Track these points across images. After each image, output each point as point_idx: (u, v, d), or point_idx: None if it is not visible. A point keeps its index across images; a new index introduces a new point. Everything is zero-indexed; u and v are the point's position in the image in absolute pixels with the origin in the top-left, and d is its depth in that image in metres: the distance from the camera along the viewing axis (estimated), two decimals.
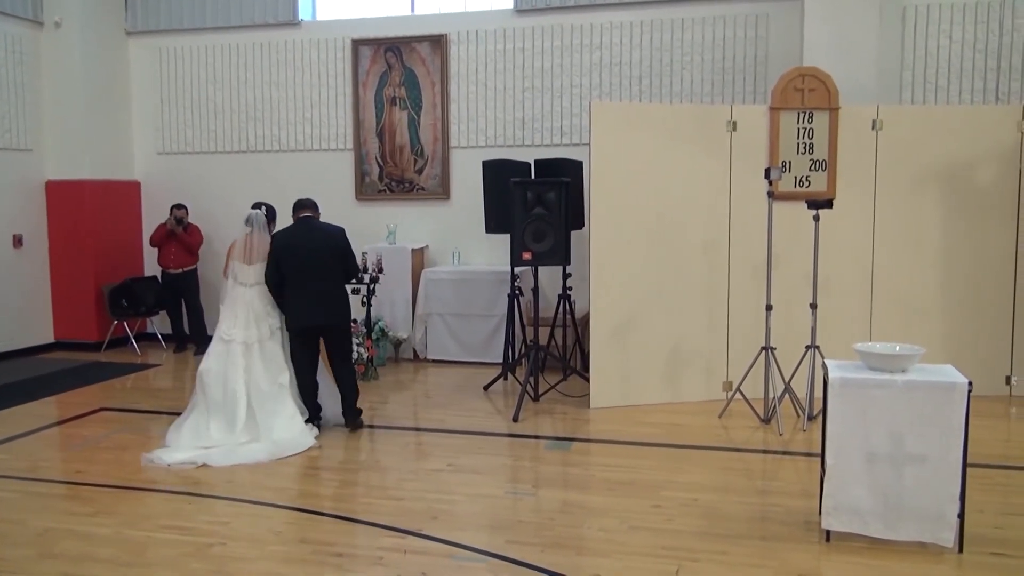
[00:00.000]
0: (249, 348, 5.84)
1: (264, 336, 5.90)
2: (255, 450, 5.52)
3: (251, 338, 5.85)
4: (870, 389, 3.89)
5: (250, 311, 5.92)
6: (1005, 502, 4.59)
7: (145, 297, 9.41)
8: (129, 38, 9.74)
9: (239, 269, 6.00)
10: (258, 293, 5.97)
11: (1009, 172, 6.67)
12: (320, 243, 5.96)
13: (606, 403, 6.60)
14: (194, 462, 5.37)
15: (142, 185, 9.86)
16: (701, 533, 4.18)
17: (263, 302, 5.97)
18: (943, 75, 7.73)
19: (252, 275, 5.97)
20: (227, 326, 5.89)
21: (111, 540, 4.17)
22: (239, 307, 5.92)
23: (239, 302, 5.94)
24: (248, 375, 5.79)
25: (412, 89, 8.98)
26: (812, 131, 6.69)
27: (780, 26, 8.02)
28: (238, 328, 5.86)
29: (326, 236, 6.02)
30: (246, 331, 5.86)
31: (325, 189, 9.20)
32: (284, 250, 5.89)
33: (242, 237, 6.06)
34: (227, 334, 5.86)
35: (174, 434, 5.70)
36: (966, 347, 6.62)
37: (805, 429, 5.99)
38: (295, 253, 5.88)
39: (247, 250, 5.99)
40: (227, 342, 5.84)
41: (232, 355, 5.80)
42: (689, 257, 6.69)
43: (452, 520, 4.41)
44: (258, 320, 5.91)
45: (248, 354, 5.83)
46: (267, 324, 5.94)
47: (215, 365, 5.81)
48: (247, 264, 5.98)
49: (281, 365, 5.91)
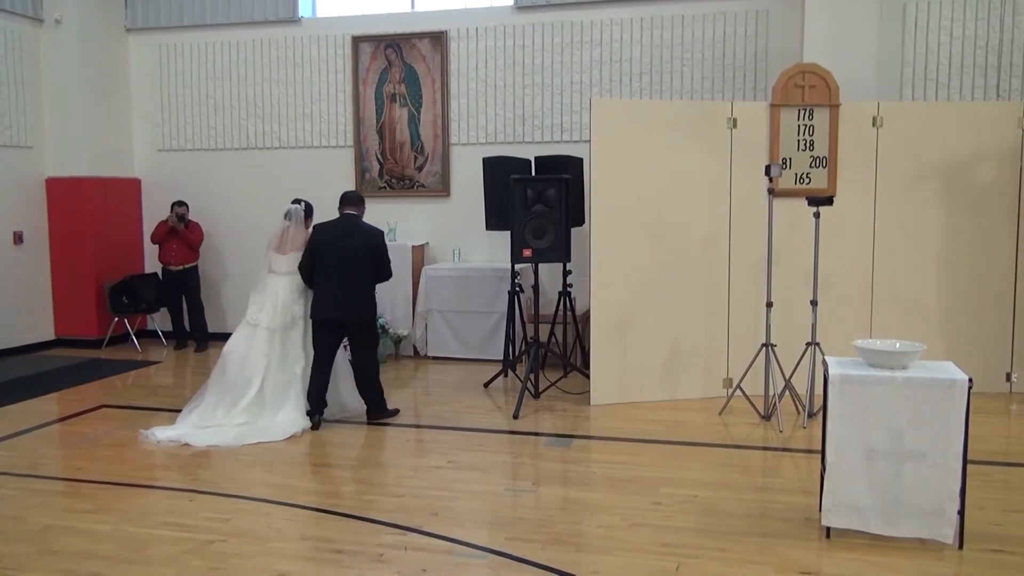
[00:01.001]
0: (272, 334, 6.07)
1: (287, 324, 6.12)
2: (240, 433, 5.76)
3: (275, 324, 6.08)
4: (870, 386, 3.89)
5: (277, 299, 6.14)
6: (1005, 499, 4.60)
7: (146, 294, 9.41)
8: (129, 35, 9.73)
9: (273, 258, 6.28)
10: (287, 282, 6.18)
11: (1009, 169, 6.67)
12: (357, 242, 6.12)
13: (606, 400, 6.60)
14: (178, 440, 5.68)
15: (142, 182, 9.85)
16: (701, 530, 4.18)
17: (290, 291, 6.18)
18: (943, 72, 7.72)
19: (284, 264, 6.22)
20: (254, 310, 6.14)
21: (111, 537, 4.18)
22: (267, 294, 6.17)
23: (268, 289, 6.19)
24: (268, 361, 6.04)
25: (412, 86, 8.97)
26: (812, 128, 6.68)
27: (780, 23, 8.01)
28: (264, 313, 6.10)
29: (365, 236, 6.18)
30: (271, 317, 6.09)
31: (325, 186, 9.18)
32: (322, 243, 6.09)
33: (279, 229, 6.34)
34: (253, 318, 6.11)
35: (185, 414, 6.00)
36: (966, 344, 6.61)
37: (805, 426, 5.99)
38: (332, 247, 6.05)
39: (282, 241, 6.28)
40: (253, 326, 6.09)
41: (256, 339, 6.05)
42: (689, 254, 6.69)
43: (452, 517, 4.41)
44: (283, 308, 6.13)
45: (271, 340, 6.07)
46: (291, 313, 6.15)
47: (240, 347, 6.07)
48: (280, 254, 6.25)
49: (299, 354, 6.13)
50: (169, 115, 9.71)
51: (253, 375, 6.00)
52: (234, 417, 5.90)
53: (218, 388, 6.04)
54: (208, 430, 5.81)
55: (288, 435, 5.81)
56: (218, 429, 5.81)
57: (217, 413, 5.94)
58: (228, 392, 5.99)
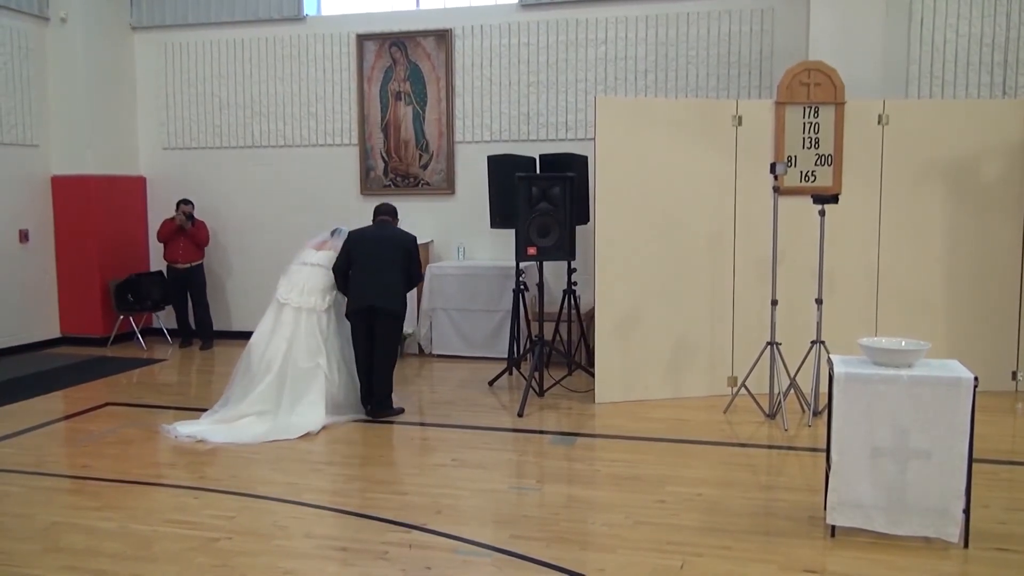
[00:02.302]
0: (299, 314, 6.17)
1: (317, 306, 6.22)
2: (257, 431, 5.80)
3: (304, 303, 6.20)
4: (875, 384, 3.88)
5: (307, 282, 6.28)
6: (1011, 497, 4.59)
7: (151, 292, 9.43)
8: (134, 33, 9.74)
9: (308, 252, 6.48)
10: (317, 271, 6.34)
11: (1015, 167, 6.64)
12: (390, 241, 6.34)
13: (611, 398, 6.60)
14: (194, 436, 5.75)
15: (147, 180, 9.87)
16: (705, 528, 4.18)
17: (321, 278, 6.32)
18: (949, 69, 7.69)
19: (316, 258, 6.43)
20: (284, 291, 6.28)
21: (117, 534, 4.19)
22: (296, 280, 6.32)
23: (296, 276, 6.34)
24: (289, 347, 6.11)
25: (417, 84, 8.97)
26: (818, 125, 6.67)
27: (786, 20, 7.99)
28: (294, 292, 6.23)
29: (397, 237, 6.41)
30: (301, 296, 6.22)
31: (330, 184, 9.24)
32: (356, 242, 6.31)
33: (322, 237, 6.61)
34: (283, 297, 6.25)
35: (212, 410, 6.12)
36: (972, 342, 6.59)
37: (810, 424, 5.98)
38: (365, 245, 6.28)
39: (321, 243, 6.54)
40: (281, 304, 6.23)
41: (282, 318, 6.18)
42: (694, 252, 6.68)
43: (457, 515, 4.42)
44: (313, 291, 6.26)
45: (296, 322, 6.16)
46: (321, 297, 6.26)
47: (263, 336, 6.21)
48: (316, 250, 6.48)
49: (320, 346, 6.17)
50: (174, 113, 9.73)
51: (273, 360, 6.09)
52: (252, 404, 6.00)
53: (243, 382, 6.14)
54: (228, 425, 5.89)
55: (303, 432, 5.83)
56: (236, 426, 5.88)
57: (238, 404, 6.04)
58: (249, 378, 6.12)
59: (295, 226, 9.29)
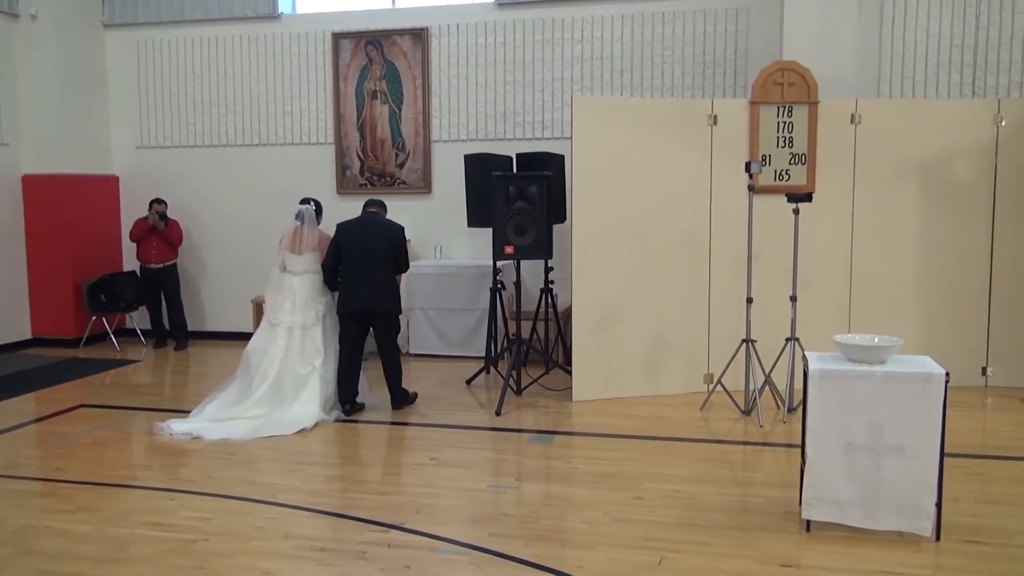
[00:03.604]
0: (292, 332, 6.24)
1: (309, 322, 6.28)
2: (252, 427, 5.85)
3: (296, 323, 6.25)
4: (849, 380, 3.93)
5: (296, 297, 6.30)
6: (981, 491, 4.66)
7: (124, 292, 9.33)
8: (106, 31, 9.64)
9: (288, 258, 6.39)
10: (305, 281, 6.34)
11: (985, 166, 6.74)
12: (380, 236, 6.34)
13: (588, 396, 6.63)
14: (190, 433, 5.79)
15: (120, 179, 9.77)
16: (683, 524, 4.21)
17: (310, 289, 6.34)
18: (920, 69, 7.79)
19: (300, 264, 6.36)
20: (273, 311, 6.32)
21: (92, 537, 4.15)
22: (286, 295, 6.32)
23: (286, 290, 6.33)
24: (285, 356, 6.19)
25: (393, 83, 8.95)
26: (792, 125, 6.73)
27: (760, 20, 8.06)
28: (284, 313, 6.27)
29: (387, 231, 6.39)
30: (291, 316, 6.26)
31: (305, 183, 9.18)
32: (347, 239, 6.29)
33: (291, 229, 6.45)
34: (274, 318, 6.29)
35: (201, 407, 6.16)
36: (943, 338, 6.69)
37: (785, 421, 6.04)
38: (357, 243, 6.27)
39: (297, 241, 6.39)
40: (274, 325, 6.27)
41: (275, 336, 6.24)
42: (671, 250, 6.72)
43: (435, 514, 4.42)
44: (304, 307, 6.29)
45: (290, 337, 6.23)
46: (313, 311, 6.31)
47: (259, 346, 6.26)
48: (296, 254, 6.38)
49: (319, 349, 6.26)
50: (148, 112, 9.64)
51: (268, 368, 6.17)
52: (248, 409, 6.05)
53: (239, 385, 6.23)
54: (222, 424, 5.92)
55: (298, 428, 5.90)
56: (231, 423, 5.92)
57: (233, 407, 6.09)
58: (246, 385, 6.19)
59: (270, 226, 9.22)
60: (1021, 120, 6.68)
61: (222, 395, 6.23)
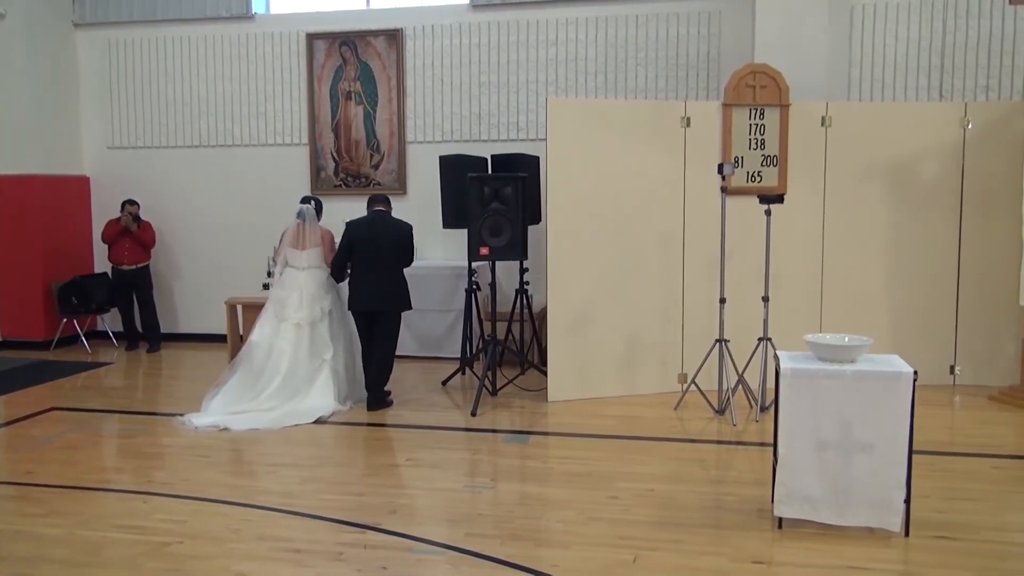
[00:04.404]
0: (300, 328, 6.40)
1: (316, 318, 6.46)
2: (275, 417, 6.07)
3: (303, 319, 6.41)
4: (821, 379, 3.99)
5: (303, 293, 6.47)
6: (948, 487, 4.74)
7: (95, 294, 9.23)
8: (77, 30, 9.54)
9: (291, 255, 6.57)
10: (310, 276, 6.53)
11: (952, 167, 6.86)
12: (391, 235, 6.53)
13: (563, 396, 6.66)
14: (217, 425, 5.96)
15: (91, 180, 9.67)
16: (657, 523, 4.25)
17: (316, 284, 6.53)
18: (889, 73, 7.91)
19: (304, 260, 6.55)
20: (279, 306, 6.46)
21: (64, 541, 4.11)
22: (292, 290, 6.48)
23: (292, 285, 6.50)
24: (295, 351, 6.36)
25: (368, 84, 8.94)
26: (764, 127, 6.81)
27: (732, 23, 8.14)
28: (290, 308, 6.42)
29: (396, 230, 6.58)
30: (298, 312, 6.42)
31: (280, 184, 9.15)
32: (359, 238, 6.46)
33: (293, 227, 6.63)
34: (281, 313, 6.43)
35: (208, 400, 6.28)
36: (911, 337, 6.79)
37: (758, 420, 6.10)
38: (368, 242, 6.45)
39: (300, 238, 6.58)
40: (281, 320, 6.41)
41: (283, 331, 6.38)
42: (645, 251, 6.77)
43: (411, 514, 4.43)
44: (311, 302, 6.47)
45: (299, 332, 6.39)
46: (319, 306, 6.49)
47: (265, 338, 6.40)
48: (300, 250, 6.56)
49: (327, 344, 6.47)
50: (119, 112, 9.55)
51: (280, 362, 6.32)
52: (262, 403, 6.21)
53: (244, 375, 6.34)
54: (244, 415, 6.09)
55: (316, 417, 6.14)
56: (253, 414, 6.10)
57: (244, 400, 6.23)
58: (256, 380, 6.30)
59: (244, 227, 9.21)
60: (987, 123, 6.80)
61: (226, 387, 6.34)
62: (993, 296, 6.84)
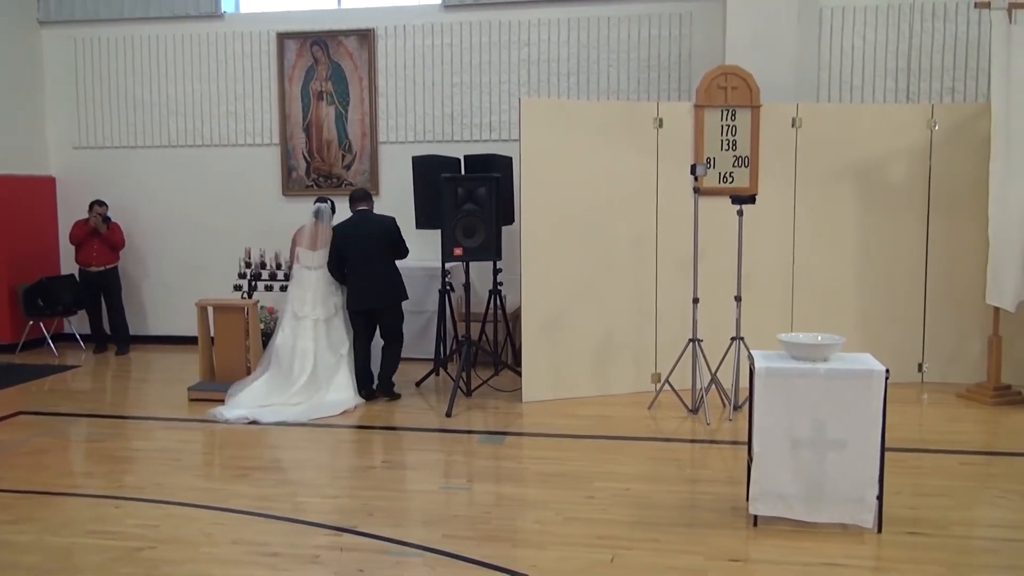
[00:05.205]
0: (317, 323, 6.71)
1: (330, 313, 6.77)
2: (301, 410, 6.33)
3: (319, 315, 6.72)
4: (794, 378, 4.03)
5: (317, 291, 6.76)
6: (919, 483, 4.81)
7: (62, 296, 9.09)
8: (42, 28, 9.39)
9: (304, 255, 6.84)
10: (322, 275, 6.79)
11: (920, 168, 6.96)
12: (375, 232, 6.72)
13: (538, 396, 6.67)
14: (246, 418, 6.19)
15: (57, 181, 9.52)
16: (634, 522, 4.27)
17: (327, 283, 6.80)
18: (857, 75, 8.01)
19: (316, 260, 6.80)
20: (298, 304, 6.74)
21: (33, 547, 4.05)
22: (307, 288, 6.77)
23: (307, 284, 6.79)
24: (316, 346, 6.67)
25: (339, 84, 8.89)
26: (735, 128, 6.86)
27: (703, 25, 8.19)
28: (308, 306, 6.73)
29: (380, 225, 6.79)
30: (314, 309, 6.72)
31: (250, 184, 9.08)
32: (344, 241, 6.71)
33: (309, 226, 6.87)
34: (300, 311, 6.72)
35: (235, 394, 6.50)
36: (881, 336, 6.88)
37: (731, 418, 6.15)
38: (354, 243, 6.68)
39: (313, 238, 6.83)
40: (300, 318, 6.70)
41: (303, 329, 6.68)
42: (618, 251, 6.80)
43: (387, 516, 4.41)
44: (324, 299, 6.77)
45: (316, 328, 6.70)
46: (332, 303, 6.80)
47: (288, 339, 6.68)
48: (312, 250, 6.82)
49: (343, 338, 6.80)
50: (86, 111, 9.41)
51: (304, 360, 6.61)
52: (290, 398, 6.46)
53: (273, 376, 6.58)
54: (271, 408, 6.34)
55: (341, 410, 6.41)
56: (280, 407, 6.35)
57: (272, 396, 6.47)
58: (285, 379, 6.56)
59: (214, 227, 9.13)
60: (953, 124, 6.92)
61: (252, 385, 6.55)
62: (960, 294, 6.95)
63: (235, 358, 7.05)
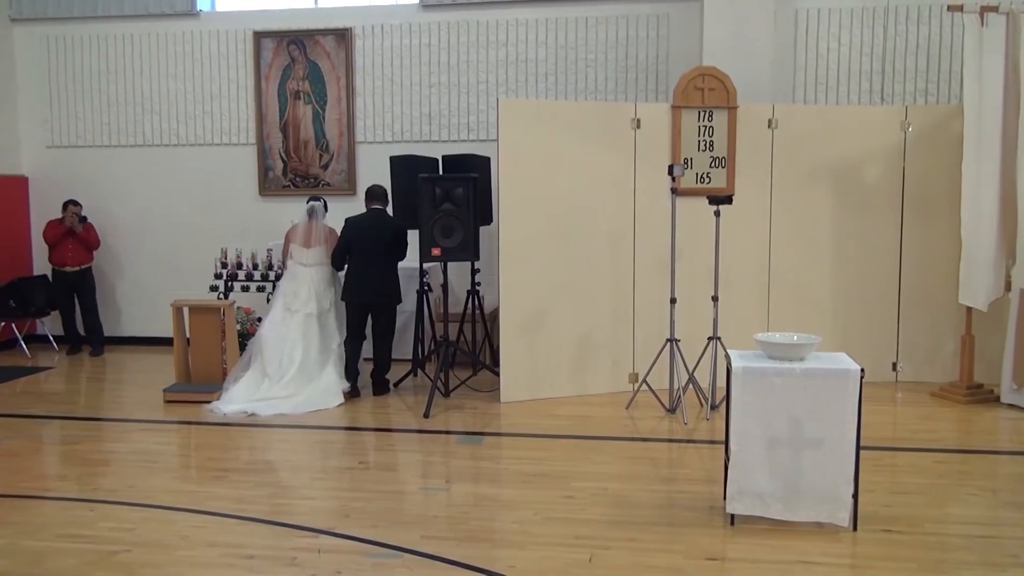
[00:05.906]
0: (309, 318, 6.85)
1: (324, 309, 6.93)
2: (297, 402, 6.47)
3: (311, 310, 6.86)
4: (770, 377, 4.05)
5: (312, 287, 6.90)
6: (894, 482, 4.86)
7: (35, 297, 8.98)
8: (14, 25, 9.27)
9: (298, 252, 6.96)
10: (317, 272, 6.94)
11: (894, 169, 7.03)
12: (385, 233, 6.87)
13: (516, 397, 6.67)
14: (245, 411, 6.33)
15: (30, 180, 9.41)
16: (612, 521, 4.28)
17: (321, 279, 6.95)
18: (833, 76, 8.08)
19: (311, 257, 6.95)
20: (291, 298, 6.88)
21: (6, 551, 3.99)
22: (302, 284, 6.91)
23: (301, 280, 6.92)
24: (306, 341, 6.79)
25: (316, 83, 8.85)
26: (712, 129, 6.90)
27: (680, 26, 8.23)
28: (300, 301, 6.86)
29: (391, 229, 6.93)
30: (307, 304, 6.86)
31: (227, 184, 9.01)
32: (357, 235, 6.85)
33: (303, 224, 7.01)
34: (292, 305, 6.86)
35: (229, 389, 6.62)
36: (856, 335, 6.94)
37: (708, 418, 6.18)
38: (365, 238, 6.83)
39: (308, 235, 6.98)
40: (292, 312, 6.83)
41: (293, 323, 6.80)
42: (596, 252, 6.82)
43: (366, 517, 4.39)
44: (319, 296, 6.91)
45: (308, 323, 6.84)
46: (327, 298, 6.96)
47: (274, 331, 6.78)
48: (306, 248, 6.95)
49: (334, 333, 6.96)
50: (59, 110, 9.30)
51: (293, 352, 6.73)
52: (281, 390, 6.57)
53: (259, 365, 6.70)
54: (269, 401, 6.44)
55: (337, 403, 6.59)
56: (277, 400, 6.47)
57: (262, 388, 6.58)
58: (271, 370, 6.66)
59: (190, 227, 9.05)
60: (927, 126, 7.00)
61: (245, 376, 6.67)
62: (933, 294, 7.03)
63: (211, 359, 7.00)
